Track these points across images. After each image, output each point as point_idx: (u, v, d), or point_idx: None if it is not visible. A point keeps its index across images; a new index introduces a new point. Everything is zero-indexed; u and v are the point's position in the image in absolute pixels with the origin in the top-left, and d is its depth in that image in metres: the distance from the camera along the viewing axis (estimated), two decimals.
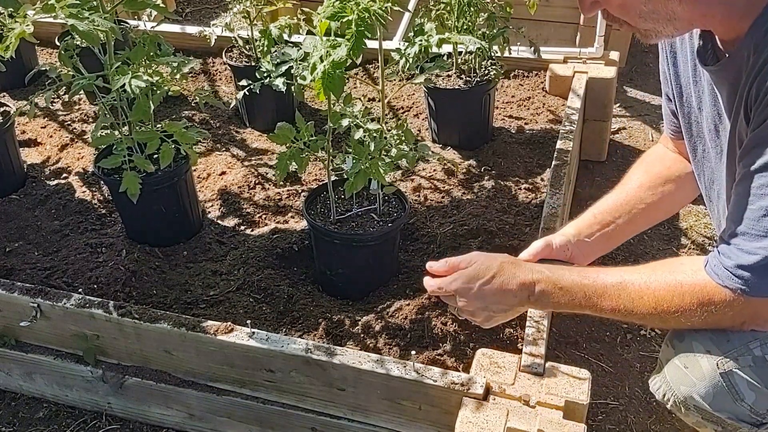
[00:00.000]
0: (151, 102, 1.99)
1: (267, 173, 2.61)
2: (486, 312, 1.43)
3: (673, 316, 1.25)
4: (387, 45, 2.62)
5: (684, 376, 1.29)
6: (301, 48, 2.01)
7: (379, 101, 2.41)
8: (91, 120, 2.98)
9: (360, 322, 1.92)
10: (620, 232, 1.61)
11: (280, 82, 2.23)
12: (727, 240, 1.18)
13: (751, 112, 1.15)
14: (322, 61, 1.62)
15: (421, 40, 2.10)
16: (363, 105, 2.03)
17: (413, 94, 3.05)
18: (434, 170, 2.58)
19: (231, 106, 2.94)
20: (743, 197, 1.15)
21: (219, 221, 2.40)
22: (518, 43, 2.98)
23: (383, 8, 1.65)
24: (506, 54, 2.66)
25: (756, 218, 1.13)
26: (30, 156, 2.79)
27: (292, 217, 2.40)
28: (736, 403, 1.25)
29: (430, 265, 1.50)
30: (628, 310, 1.29)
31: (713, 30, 1.23)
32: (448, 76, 2.67)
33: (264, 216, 2.41)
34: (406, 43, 2.15)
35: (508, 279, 1.38)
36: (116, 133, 2.13)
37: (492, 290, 1.39)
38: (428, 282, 1.50)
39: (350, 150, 1.94)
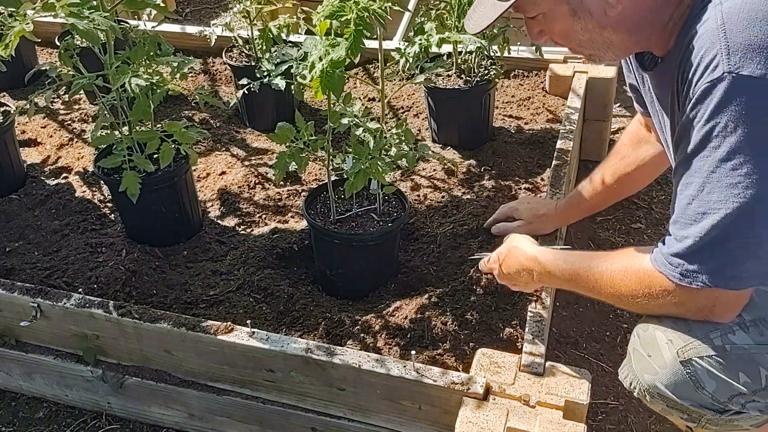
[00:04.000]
0: (151, 101, 1.99)
1: (267, 173, 2.61)
2: (515, 285, 1.73)
3: (628, 299, 1.32)
4: (387, 45, 2.62)
5: (648, 365, 1.33)
6: (301, 48, 2.01)
7: (379, 101, 2.41)
8: (91, 120, 2.98)
9: (360, 322, 1.92)
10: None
11: (279, 82, 2.24)
12: (668, 228, 1.24)
13: (681, 84, 1.22)
14: (320, 60, 1.62)
15: (421, 40, 2.10)
16: (363, 105, 2.03)
17: (413, 94, 3.05)
18: (434, 170, 2.58)
19: (231, 105, 2.94)
20: (676, 187, 1.21)
21: (219, 221, 2.40)
22: (518, 43, 2.98)
23: (382, 8, 1.65)
24: (506, 54, 2.66)
25: (684, 206, 1.18)
26: (30, 156, 2.79)
27: (292, 217, 2.40)
28: (697, 391, 1.28)
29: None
30: (596, 292, 1.41)
31: (651, 50, 1.33)
32: (448, 76, 2.67)
33: (264, 216, 2.41)
34: (406, 43, 2.15)
35: (512, 263, 1.67)
36: (116, 132, 2.13)
37: (507, 274, 1.70)
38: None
39: (350, 150, 1.94)
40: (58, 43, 2.47)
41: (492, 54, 2.67)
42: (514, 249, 1.68)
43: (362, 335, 1.89)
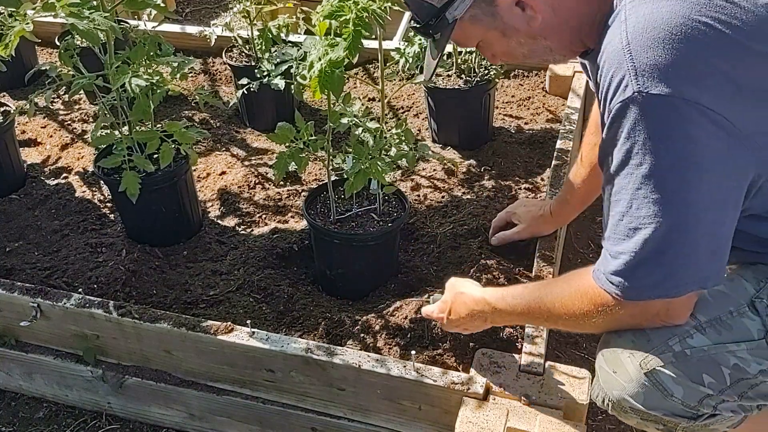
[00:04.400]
0: (151, 101, 1.99)
1: (267, 173, 2.61)
2: (466, 330, 1.70)
3: (584, 321, 1.33)
4: (387, 45, 2.62)
5: (614, 380, 1.34)
6: (300, 47, 2.01)
7: (379, 101, 2.41)
8: (91, 120, 2.98)
9: (360, 322, 1.92)
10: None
11: (279, 82, 2.24)
12: (603, 244, 1.26)
13: (599, 94, 1.25)
14: (319, 60, 1.62)
15: (421, 40, 2.10)
16: (363, 105, 2.03)
17: (413, 94, 3.05)
18: (434, 170, 2.58)
19: (231, 105, 2.94)
20: (605, 202, 1.24)
21: (219, 221, 2.40)
22: None
23: (382, 7, 1.65)
24: None
25: (615, 223, 1.20)
26: (30, 156, 2.79)
27: (292, 217, 2.40)
28: (666, 399, 1.29)
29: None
30: (552, 320, 1.41)
31: (590, 44, 1.36)
32: (448, 76, 2.67)
33: (264, 216, 2.41)
34: (406, 43, 2.15)
35: (461, 310, 1.62)
36: (116, 132, 2.13)
37: (457, 321, 1.64)
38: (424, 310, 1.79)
39: (350, 150, 1.94)
40: (58, 43, 2.47)
41: None
42: (460, 295, 1.63)
43: (362, 335, 1.89)
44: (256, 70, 2.38)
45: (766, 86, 1.13)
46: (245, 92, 2.44)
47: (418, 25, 1.40)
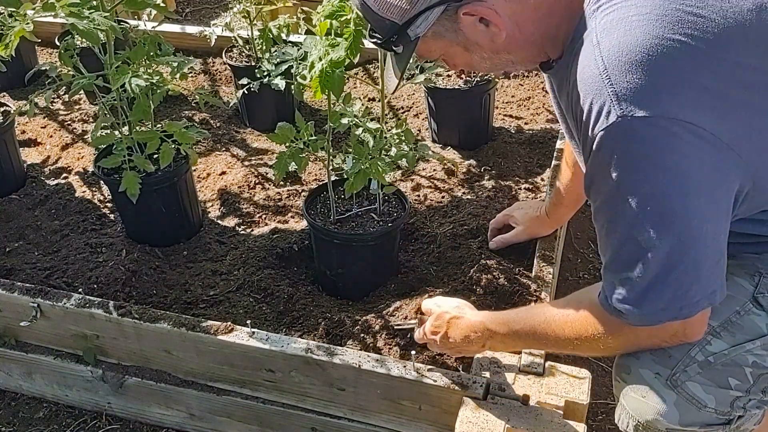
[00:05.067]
0: (151, 102, 1.99)
1: (267, 173, 2.61)
2: (460, 353, 1.68)
3: (598, 343, 1.32)
4: None
5: (645, 405, 1.32)
6: (301, 48, 2.01)
7: (379, 101, 2.41)
8: (91, 120, 2.98)
9: (360, 322, 1.92)
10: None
11: (279, 82, 2.24)
12: (603, 271, 1.25)
13: (575, 119, 1.24)
14: (320, 60, 1.62)
15: None
16: (363, 105, 2.02)
17: (413, 94, 3.05)
18: (434, 170, 2.58)
19: (231, 105, 2.94)
20: (600, 231, 1.23)
21: (219, 221, 2.40)
22: None
23: None
24: None
25: (615, 252, 1.20)
26: (30, 156, 2.79)
27: (292, 217, 2.40)
28: (701, 411, 1.28)
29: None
30: (560, 343, 1.39)
31: (553, 55, 1.35)
32: (448, 75, 2.67)
33: (264, 216, 2.41)
34: None
35: (457, 335, 1.57)
36: (116, 132, 2.13)
37: (452, 345, 1.59)
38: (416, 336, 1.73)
39: (350, 150, 1.94)
40: (58, 43, 2.47)
41: None
42: (456, 320, 1.59)
43: (362, 335, 1.89)
44: (256, 70, 2.38)
45: (743, 94, 1.14)
46: (245, 92, 2.44)
47: (378, 41, 1.35)
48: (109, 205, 2.47)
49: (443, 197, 2.44)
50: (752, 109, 1.14)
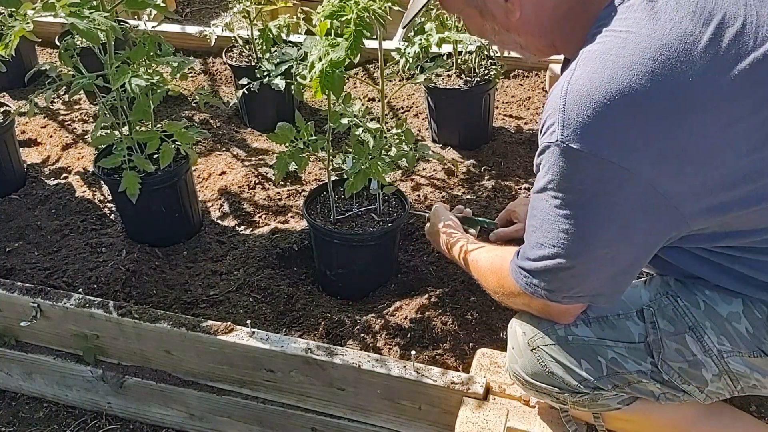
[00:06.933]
0: (150, 101, 1.99)
1: (267, 173, 2.61)
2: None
3: (493, 293, 1.49)
4: (387, 45, 2.61)
5: (512, 355, 1.48)
6: (301, 48, 2.01)
7: (379, 101, 2.41)
8: (91, 120, 2.98)
9: (360, 322, 1.92)
10: None
11: (279, 82, 2.24)
12: (523, 240, 1.35)
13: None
14: (320, 60, 1.62)
15: (421, 40, 2.10)
16: (363, 105, 2.02)
17: (413, 94, 3.05)
18: (434, 170, 2.58)
19: (231, 105, 2.94)
20: (528, 209, 1.32)
21: (219, 221, 2.40)
22: None
23: (382, 7, 1.65)
24: (506, 54, 2.66)
25: (529, 231, 1.31)
26: (30, 156, 2.79)
27: (292, 217, 2.40)
28: (548, 376, 1.41)
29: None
30: (477, 279, 1.58)
31: (564, 54, 1.41)
32: (448, 76, 2.67)
33: (264, 216, 2.41)
34: (406, 43, 2.15)
35: (434, 233, 1.89)
36: (116, 132, 2.13)
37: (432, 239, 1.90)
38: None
39: (350, 150, 1.94)
40: (58, 43, 2.47)
41: (492, 54, 2.67)
42: (439, 230, 1.84)
43: (362, 335, 1.89)
44: (256, 70, 2.38)
45: (696, 150, 1.14)
46: (245, 92, 2.44)
47: None
48: (109, 205, 2.47)
49: (443, 197, 2.44)
50: (714, 164, 1.14)
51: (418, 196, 2.45)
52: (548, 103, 1.22)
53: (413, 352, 1.68)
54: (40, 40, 2.06)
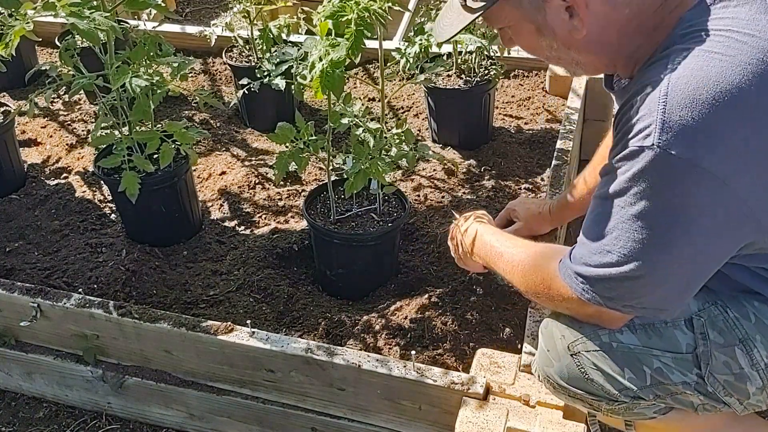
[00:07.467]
0: (151, 102, 1.99)
1: (267, 173, 2.61)
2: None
3: (531, 294, 1.43)
4: (387, 45, 2.62)
5: (547, 359, 1.43)
6: (301, 48, 2.01)
7: (379, 101, 2.41)
8: (91, 120, 2.98)
9: (360, 322, 1.92)
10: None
11: (279, 82, 2.23)
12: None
13: (617, 124, 1.25)
14: (321, 60, 1.62)
15: (421, 40, 2.10)
16: (363, 105, 2.03)
17: (413, 94, 3.05)
18: (434, 170, 2.58)
19: (231, 105, 2.94)
20: (592, 208, 1.26)
21: (219, 221, 2.40)
22: None
23: (383, 7, 1.65)
24: (506, 54, 2.66)
25: (595, 236, 1.23)
26: (30, 156, 2.79)
27: (292, 217, 2.40)
28: (587, 383, 1.36)
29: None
30: (510, 278, 1.49)
31: (618, 73, 1.36)
32: (448, 76, 2.67)
33: (264, 216, 2.41)
34: (406, 43, 2.15)
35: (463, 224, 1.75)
36: (116, 132, 2.13)
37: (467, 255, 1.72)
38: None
39: (350, 150, 1.94)
40: (58, 43, 2.47)
41: (492, 54, 2.67)
42: (470, 230, 1.70)
43: (362, 335, 1.89)
44: (256, 70, 2.38)
45: None
46: (245, 92, 2.43)
47: None
48: (109, 205, 2.47)
49: (443, 197, 2.44)
50: None
51: (418, 196, 2.45)
52: (641, 100, 1.14)
53: (413, 352, 1.68)
54: (40, 40, 2.06)
